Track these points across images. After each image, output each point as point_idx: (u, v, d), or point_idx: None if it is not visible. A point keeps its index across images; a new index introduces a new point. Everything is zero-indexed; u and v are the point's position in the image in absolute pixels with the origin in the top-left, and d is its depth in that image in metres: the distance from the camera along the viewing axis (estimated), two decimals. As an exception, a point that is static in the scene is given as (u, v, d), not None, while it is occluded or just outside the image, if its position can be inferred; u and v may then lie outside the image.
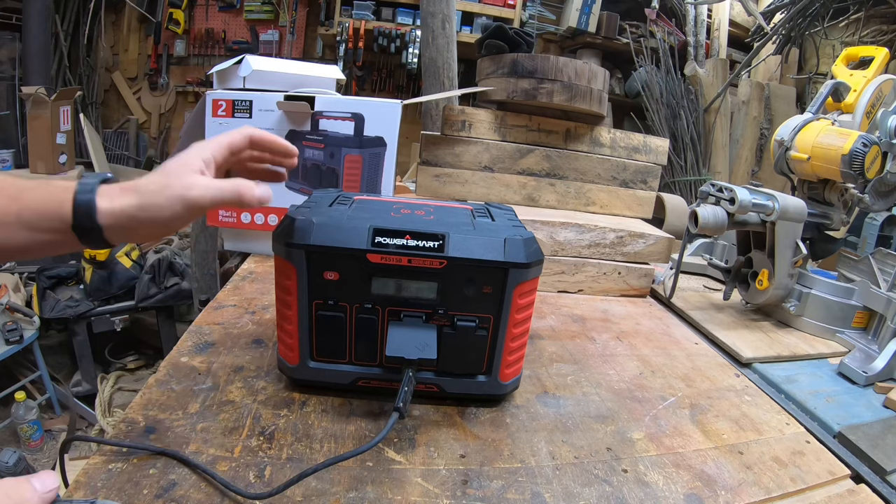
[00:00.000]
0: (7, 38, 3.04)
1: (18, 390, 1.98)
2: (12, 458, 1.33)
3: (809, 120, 0.93)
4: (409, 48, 3.17)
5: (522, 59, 1.06)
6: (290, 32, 3.63)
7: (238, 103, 0.92)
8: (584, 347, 0.78)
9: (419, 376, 0.53)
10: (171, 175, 0.43)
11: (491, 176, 1.10)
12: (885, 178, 0.86)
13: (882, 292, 0.83)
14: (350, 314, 0.53)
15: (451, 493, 0.45)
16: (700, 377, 0.72)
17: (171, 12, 3.53)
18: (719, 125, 2.73)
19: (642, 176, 1.17)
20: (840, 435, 0.62)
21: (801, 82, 2.85)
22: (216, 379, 0.58)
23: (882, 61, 0.94)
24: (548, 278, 0.99)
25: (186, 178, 0.43)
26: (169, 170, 0.44)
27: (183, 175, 0.43)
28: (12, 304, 2.03)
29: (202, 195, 0.43)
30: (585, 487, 0.48)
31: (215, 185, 0.44)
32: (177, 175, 0.43)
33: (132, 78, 3.72)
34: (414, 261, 0.50)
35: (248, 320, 0.73)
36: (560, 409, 0.60)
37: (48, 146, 2.58)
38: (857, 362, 0.78)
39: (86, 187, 0.42)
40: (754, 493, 0.50)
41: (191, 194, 0.42)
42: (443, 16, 1.91)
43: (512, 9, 3.26)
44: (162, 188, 0.42)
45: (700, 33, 3.10)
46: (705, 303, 1.02)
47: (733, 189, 0.82)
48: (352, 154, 0.93)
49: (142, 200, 0.42)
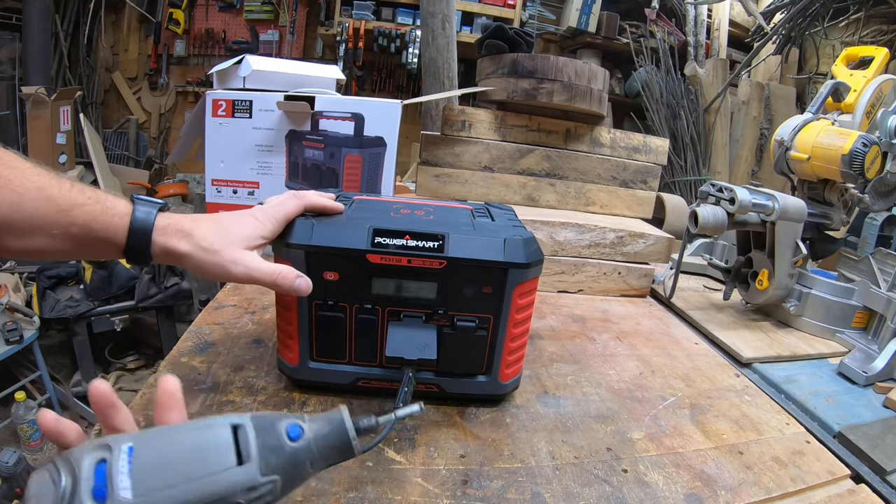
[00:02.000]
0: (7, 38, 3.04)
1: (18, 390, 1.98)
2: (12, 458, 1.33)
3: (809, 120, 0.93)
4: (409, 48, 3.16)
5: (522, 59, 1.06)
6: (290, 32, 3.63)
7: (238, 103, 0.92)
8: (584, 347, 0.77)
9: (419, 376, 0.53)
10: (227, 242, 0.46)
11: (491, 176, 1.10)
12: (885, 178, 0.86)
13: (882, 292, 0.83)
14: (350, 314, 0.53)
15: (451, 493, 0.45)
16: (700, 377, 0.72)
17: (171, 12, 3.53)
18: (719, 125, 2.73)
19: (642, 176, 1.17)
20: (840, 435, 0.62)
21: (801, 82, 2.85)
22: (216, 379, 0.58)
23: (882, 61, 0.94)
24: (548, 278, 0.99)
25: (236, 253, 0.46)
26: (229, 234, 0.46)
27: (234, 248, 0.46)
28: (12, 304, 2.03)
29: (241, 276, 0.46)
30: (585, 487, 0.48)
31: (257, 269, 0.46)
32: (229, 246, 0.46)
33: (132, 78, 3.72)
34: (414, 261, 0.50)
35: (248, 320, 0.73)
36: (560, 409, 0.60)
37: (48, 146, 2.58)
38: (857, 362, 0.78)
39: (142, 222, 0.43)
40: (754, 493, 0.50)
41: (233, 271, 0.46)
42: (443, 16, 1.91)
43: (512, 9, 3.26)
44: (212, 252, 0.45)
45: (700, 33, 3.10)
46: (705, 303, 1.02)
47: (733, 189, 0.82)
48: (352, 154, 0.93)
49: (192, 252, 0.45)
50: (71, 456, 0.26)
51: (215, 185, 0.94)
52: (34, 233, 0.40)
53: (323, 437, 0.30)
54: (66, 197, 0.41)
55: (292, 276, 0.47)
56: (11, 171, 0.40)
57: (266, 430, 0.28)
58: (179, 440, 0.27)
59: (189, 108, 3.70)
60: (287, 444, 0.28)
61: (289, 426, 0.29)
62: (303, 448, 0.29)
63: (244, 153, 0.93)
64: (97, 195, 0.43)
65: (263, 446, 0.28)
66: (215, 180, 0.94)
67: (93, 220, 0.42)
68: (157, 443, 0.27)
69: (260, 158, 0.93)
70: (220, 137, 0.93)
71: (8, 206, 0.39)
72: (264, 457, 0.27)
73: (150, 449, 0.26)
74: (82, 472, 0.25)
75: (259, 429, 0.28)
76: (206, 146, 0.94)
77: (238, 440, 0.27)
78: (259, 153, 0.94)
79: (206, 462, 0.26)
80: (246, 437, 0.28)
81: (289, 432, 0.29)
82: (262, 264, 0.47)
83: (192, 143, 1.09)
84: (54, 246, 0.42)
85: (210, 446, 0.27)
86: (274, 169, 0.94)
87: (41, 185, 0.41)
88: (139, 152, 3.68)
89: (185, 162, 2.57)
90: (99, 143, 3.12)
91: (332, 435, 0.30)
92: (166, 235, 0.44)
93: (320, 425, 0.30)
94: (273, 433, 0.28)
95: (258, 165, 0.94)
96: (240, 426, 0.28)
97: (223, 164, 0.94)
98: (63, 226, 0.41)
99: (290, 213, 0.50)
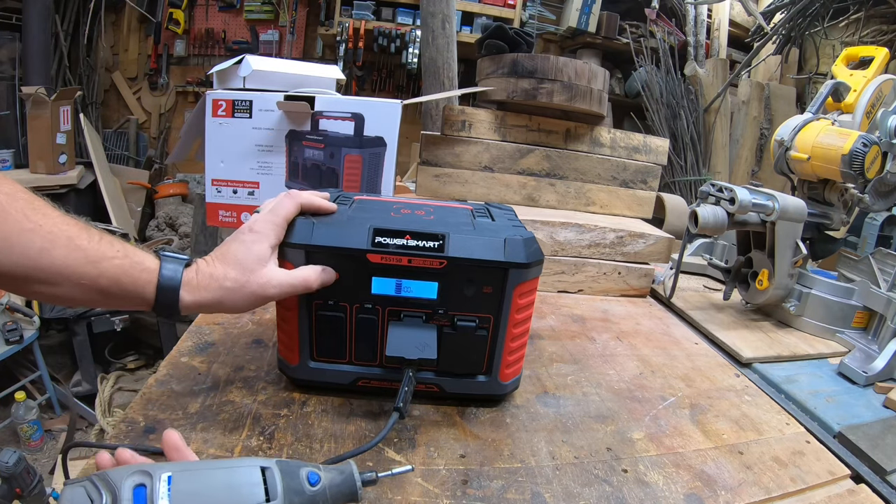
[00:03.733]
0: (7, 38, 3.04)
1: (18, 390, 1.98)
2: (12, 458, 1.32)
3: (809, 120, 0.93)
4: (409, 48, 3.17)
5: (522, 59, 1.06)
6: (290, 32, 3.63)
7: (238, 103, 0.92)
8: (584, 347, 0.77)
9: (419, 376, 0.53)
10: (247, 272, 0.46)
11: (491, 176, 1.10)
12: (885, 178, 0.86)
13: (882, 292, 0.83)
14: (350, 314, 0.53)
15: (451, 493, 0.45)
16: (700, 377, 0.72)
17: (171, 12, 3.53)
18: (719, 125, 2.73)
19: (642, 176, 1.17)
20: (840, 435, 0.62)
21: (801, 82, 2.85)
22: (216, 379, 0.58)
23: (882, 61, 0.94)
24: (548, 278, 0.99)
25: (262, 275, 0.47)
26: (244, 263, 0.47)
27: (258, 272, 0.47)
28: (12, 304, 2.03)
29: (277, 293, 0.47)
30: (585, 487, 0.48)
31: (287, 282, 0.48)
32: (252, 272, 0.46)
33: (132, 78, 3.71)
34: (414, 261, 0.50)
35: (248, 320, 0.73)
36: (560, 409, 0.60)
37: (48, 146, 2.58)
38: (857, 362, 0.78)
39: (169, 280, 0.44)
40: (754, 493, 0.50)
41: (267, 293, 0.47)
42: (443, 16, 1.91)
43: (512, 9, 3.26)
44: (240, 286, 0.46)
45: (700, 33, 3.10)
46: (705, 303, 1.02)
47: (733, 189, 0.82)
48: (352, 154, 0.93)
49: (222, 297, 0.46)
50: (108, 476, 0.28)
51: (215, 185, 0.94)
52: (63, 282, 0.41)
53: (336, 485, 0.34)
54: (95, 249, 0.42)
55: (318, 274, 0.49)
56: (43, 218, 0.40)
57: (290, 475, 0.32)
58: (213, 475, 0.31)
59: (189, 108, 3.71)
60: (308, 489, 0.33)
61: (309, 473, 0.33)
62: (319, 493, 0.33)
63: (244, 153, 0.93)
64: (125, 249, 0.44)
65: (288, 488, 0.31)
66: (215, 180, 0.94)
67: (122, 273, 0.43)
68: (193, 476, 0.31)
69: (260, 158, 0.93)
70: (220, 137, 0.93)
71: (38, 251, 0.39)
72: (289, 497, 0.31)
73: (188, 481, 0.30)
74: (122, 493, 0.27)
75: (284, 472, 0.32)
76: (206, 146, 0.94)
77: (266, 480, 0.31)
78: (259, 153, 0.94)
79: (238, 497, 0.30)
80: (273, 479, 0.31)
81: (309, 478, 0.33)
82: (289, 275, 0.48)
83: (192, 143, 1.09)
84: (84, 296, 0.42)
85: (243, 483, 0.31)
86: (274, 169, 0.94)
87: (71, 234, 0.41)
88: (139, 152, 3.68)
89: (185, 162, 2.57)
90: (99, 143, 3.13)
91: (343, 485, 0.34)
92: (192, 290, 0.45)
93: (334, 475, 0.35)
94: (296, 478, 0.33)
95: (258, 165, 0.94)
96: (267, 468, 0.32)
97: (223, 164, 0.94)
98: (92, 277, 0.41)
99: (289, 215, 0.50)
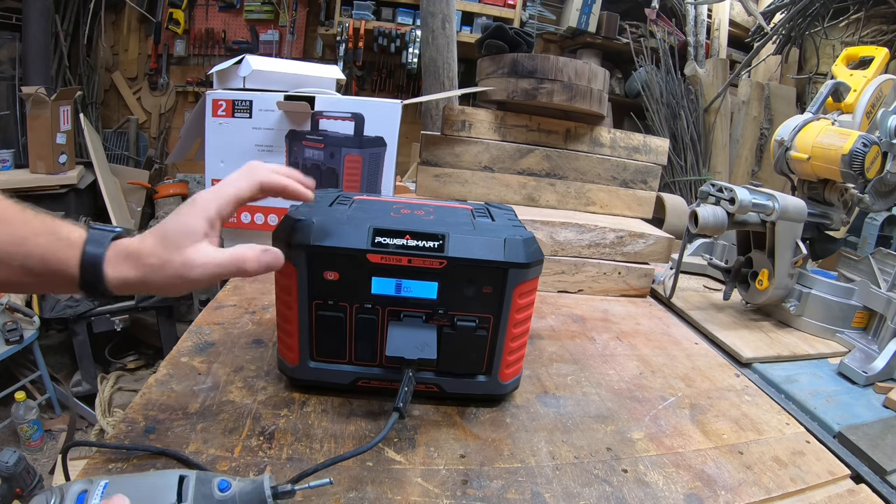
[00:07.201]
0: (7, 38, 3.04)
1: (18, 390, 1.98)
2: (12, 458, 1.33)
3: (809, 120, 0.93)
4: (409, 48, 3.16)
5: (522, 59, 1.06)
6: (290, 32, 3.62)
7: (238, 103, 0.92)
8: (584, 347, 0.77)
9: (419, 376, 0.53)
10: (171, 247, 0.41)
11: (491, 176, 1.10)
12: (885, 178, 0.86)
13: (882, 292, 0.83)
14: (350, 314, 0.53)
15: (451, 493, 0.45)
16: (700, 377, 0.72)
17: (171, 12, 3.53)
18: (719, 125, 2.73)
19: (642, 176, 1.17)
20: (840, 435, 0.62)
21: (801, 82, 2.85)
22: (216, 379, 0.58)
23: (882, 61, 0.94)
24: (548, 278, 0.99)
25: (186, 253, 0.41)
26: (170, 237, 0.41)
27: (183, 247, 0.41)
28: (12, 303, 2.03)
29: (201, 276, 0.41)
30: (585, 487, 0.48)
31: (214, 262, 0.42)
32: (176, 248, 0.41)
33: (132, 78, 3.71)
34: (414, 261, 0.50)
35: (248, 320, 0.73)
36: (560, 409, 0.60)
37: (48, 146, 2.58)
38: (857, 362, 0.78)
39: (93, 254, 0.39)
40: (754, 493, 0.50)
41: (190, 275, 0.41)
42: (443, 16, 1.91)
43: (512, 9, 3.25)
44: (162, 264, 0.40)
45: (700, 33, 3.10)
46: (705, 303, 1.02)
47: (733, 189, 0.82)
48: (352, 154, 0.93)
49: (143, 274, 0.41)
50: (64, 487, 0.35)
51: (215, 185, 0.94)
52: None
53: (246, 493, 0.38)
54: (20, 229, 0.38)
55: (257, 255, 0.43)
56: None
57: (203, 482, 0.37)
58: (140, 483, 0.37)
59: (189, 108, 3.70)
60: (217, 494, 0.37)
61: (220, 481, 0.37)
62: (228, 498, 0.37)
63: (244, 153, 0.94)
64: (54, 224, 0.40)
65: (198, 493, 0.36)
66: (215, 180, 0.94)
67: (47, 251, 0.39)
68: (125, 483, 0.36)
69: (260, 158, 0.93)
70: (220, 137, 0.93)
71: None
72: (197, 500, 0.36)
73: (119, 487, 0.35)
74: (67, 496, 0.35)
75: (199, 480, 0.37)
76: (206, 146, 0.94)
77: (181, 486, 0.36)
78: (259, 153, 0.94)
79: (155, 498, 0.35)
80: (187, 485, 0.36)
81: (219, 485, 0.37)
82: (219, 255, 0.42)
83: (192, 143, 1.09)
84: (13, 279, 0.38)
85: (161, 487, 0.36)
86: (274, 169, 0.94)
87: None
88: (139, 152, 3.67)
89: (185, 162, 2.57)
90: (99, 143, 3.12)
91: (253, 493, 0.38)
92: (116, 266, 0.40)
93: (245, 484, 0.38)
94: (208, 485, 0.37)
95: (258, 165, 0.94)
96: (185, 477, 0.37)
97: (223, 164, 0.94)
98: (20, 257, 0.38)
99: (240, 194, 0.45)
